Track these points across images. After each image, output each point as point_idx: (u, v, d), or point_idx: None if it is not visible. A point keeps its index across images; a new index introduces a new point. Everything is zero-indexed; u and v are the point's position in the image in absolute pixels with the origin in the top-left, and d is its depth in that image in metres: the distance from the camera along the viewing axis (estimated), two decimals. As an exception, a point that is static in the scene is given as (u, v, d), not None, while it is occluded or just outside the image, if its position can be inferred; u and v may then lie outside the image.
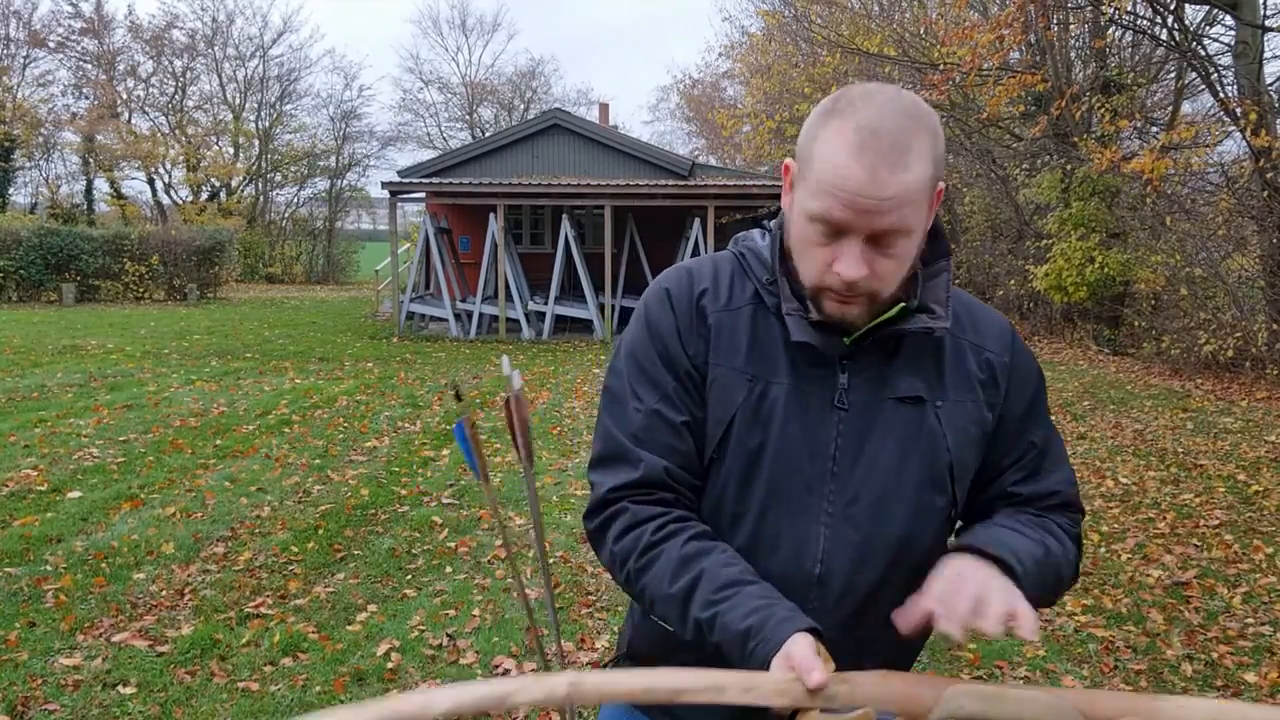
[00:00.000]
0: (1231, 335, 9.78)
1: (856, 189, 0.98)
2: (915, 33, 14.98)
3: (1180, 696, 0.93)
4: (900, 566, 1.11)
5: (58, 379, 9.63)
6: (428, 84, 46.33)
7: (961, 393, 1.13)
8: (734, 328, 1.13)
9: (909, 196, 1.00)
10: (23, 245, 19.38)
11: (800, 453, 1.10)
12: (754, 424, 1.10)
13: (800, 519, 1.10)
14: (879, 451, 1.10)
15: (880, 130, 0.99)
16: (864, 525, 1.10)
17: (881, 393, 1.11)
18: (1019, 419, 1.17)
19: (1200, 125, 11.15)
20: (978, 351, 1.15)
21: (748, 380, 1.11)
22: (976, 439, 1.14)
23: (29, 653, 3.40)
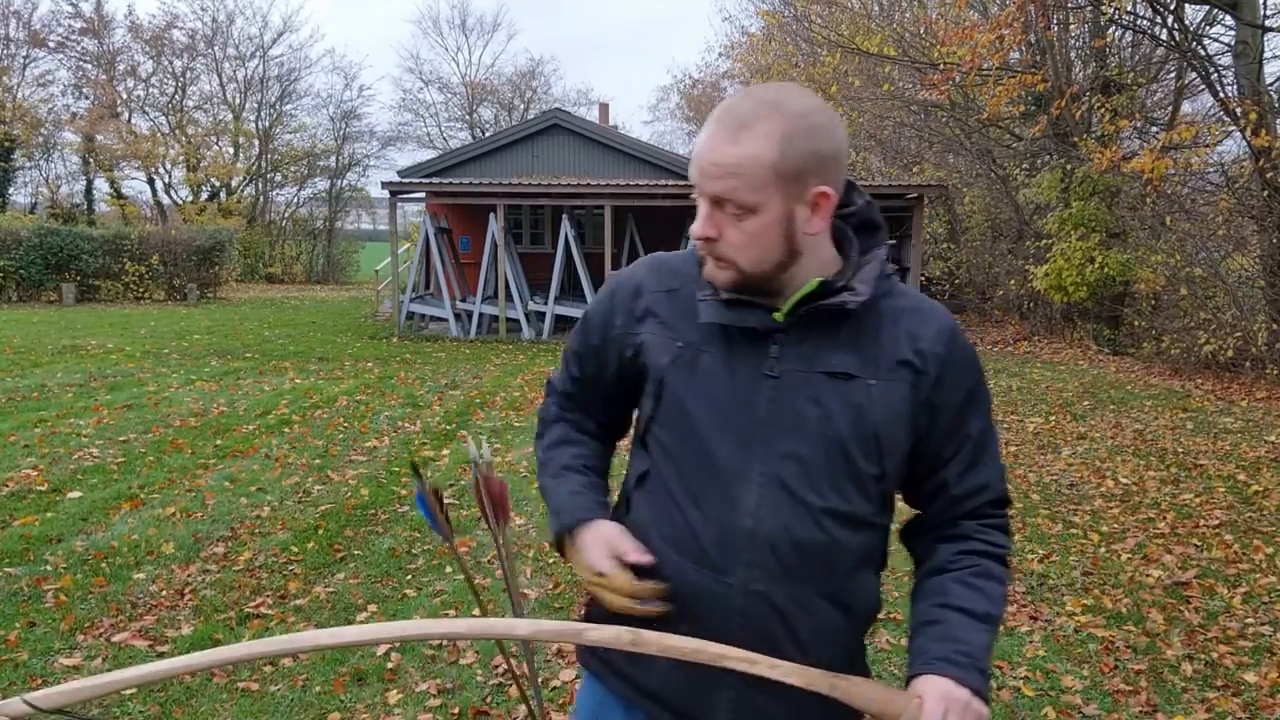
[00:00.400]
0: (1231, 335, 9.78)
1: (699, 153, 1.16)
2: (915, 32, 14.98)
3: None
4: (832, 530, 1.21)
5: (58, 379, 9.63)
6: (428, 84, 46.52)
7: (893, 374, 1.22)
8: (669, 306, 1.29)
9: (737, 167, 1.13)
10: (23, 245, 19.38)
11: (729, 414, 1.21)
12: (683, 387, 1.24)
13: (732, 476, 1.21)
14: (810, 417, 1.20)
15: (732, 109, 1.16)
16: (793, 485, 1.20)
17: (813, 365, 1.22)
18: (957, 408, 1.26)
19: (1200, 125, 11.16)
20: (913, 340, 1.24)
21: (679, 347, 1.25)
22: (906, 420, 1.23)
23: (29, 653, 3.40)
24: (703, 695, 1.25)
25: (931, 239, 18.21)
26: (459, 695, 3.16)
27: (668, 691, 1.27)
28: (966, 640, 1.20)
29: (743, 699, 1.23)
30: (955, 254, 17.57)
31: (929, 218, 17.24)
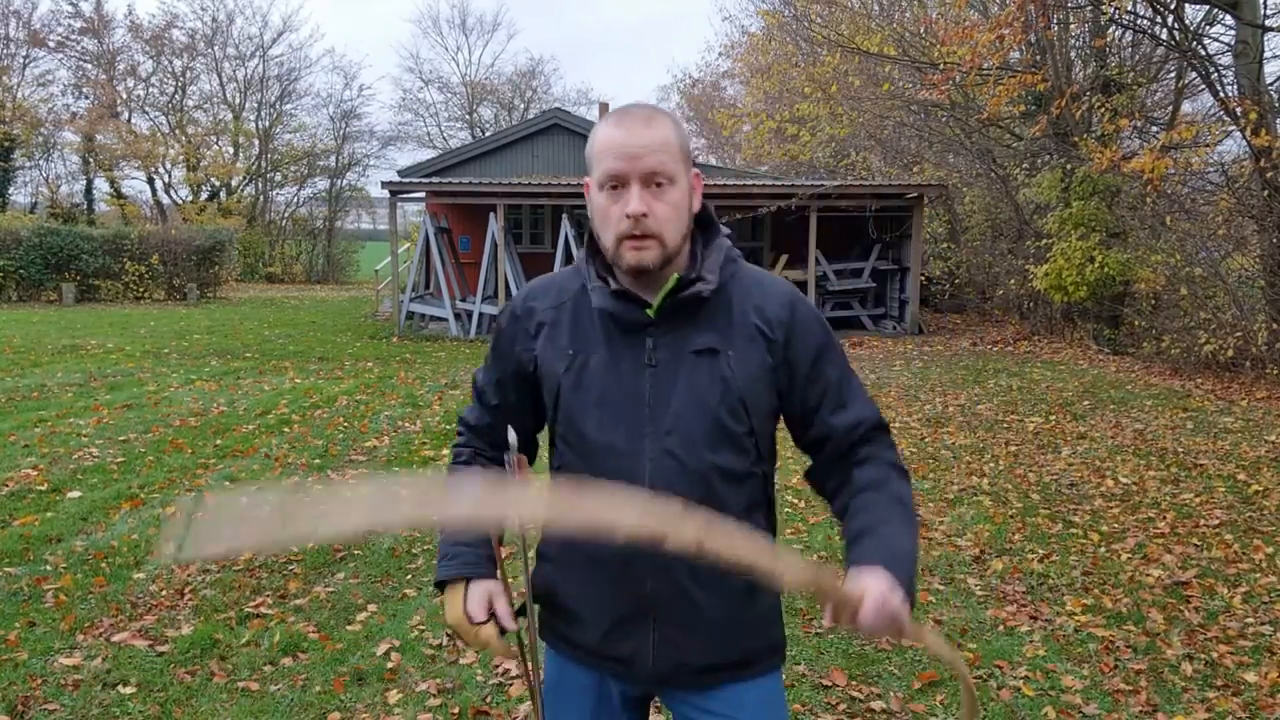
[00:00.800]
0: (1231, 335, 9.78)
1: (622, 142, 1.35)
2: (915, 32, 14.97)
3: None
4: (718, 486, 1.41)
5: (57, 379, 9.62)
6: (428, 84, 46.42)
7: (747, 343, 1.42)
8: (558, 320, 1.47)
9: (661, 145, 1.35)
10: (23, 245, 19.37)
11: (620, 405, 1.41)
12: (578, 388, 1.43)
13: (628, 456, 1.40)
14: (684, 394, 1.40)
15: (628, 110, 1.39)
16: (679, 453, 1.39)
17: (683, 348, 1.41)
18: (811, 362, 1.45)
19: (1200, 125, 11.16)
20: (760, 311, 1.44)
21: (569, 355, 1.44)
22: (766, 380, 1.43)
23: (29, 652, 3.40)
24: (631, 641, 1.45)
25: (931, 239, 18.20)
26: (459, 695, 3.16)
27: (605, 645, 1.47)
28: (895, 545, 1.35)
29: (664, 639, 1.44)
30: (955, 254, 17.57)
31: (929, 217, 17.24)
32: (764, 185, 15.55)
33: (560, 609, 1.52)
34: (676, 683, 1.48)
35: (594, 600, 1.47)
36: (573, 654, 1.53)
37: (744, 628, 1.46)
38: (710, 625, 1.43)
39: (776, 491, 1.58)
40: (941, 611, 3.91)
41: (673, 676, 1.47)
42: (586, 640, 1.49)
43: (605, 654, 1.48)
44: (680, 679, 1.47)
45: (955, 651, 1.31)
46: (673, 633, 1.43)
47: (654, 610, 1.43)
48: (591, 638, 1.48)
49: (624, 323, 1.42)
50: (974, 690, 1.44)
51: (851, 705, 3.13)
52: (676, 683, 1.48)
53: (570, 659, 1.54)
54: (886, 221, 16.11)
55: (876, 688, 3.25)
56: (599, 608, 1.46)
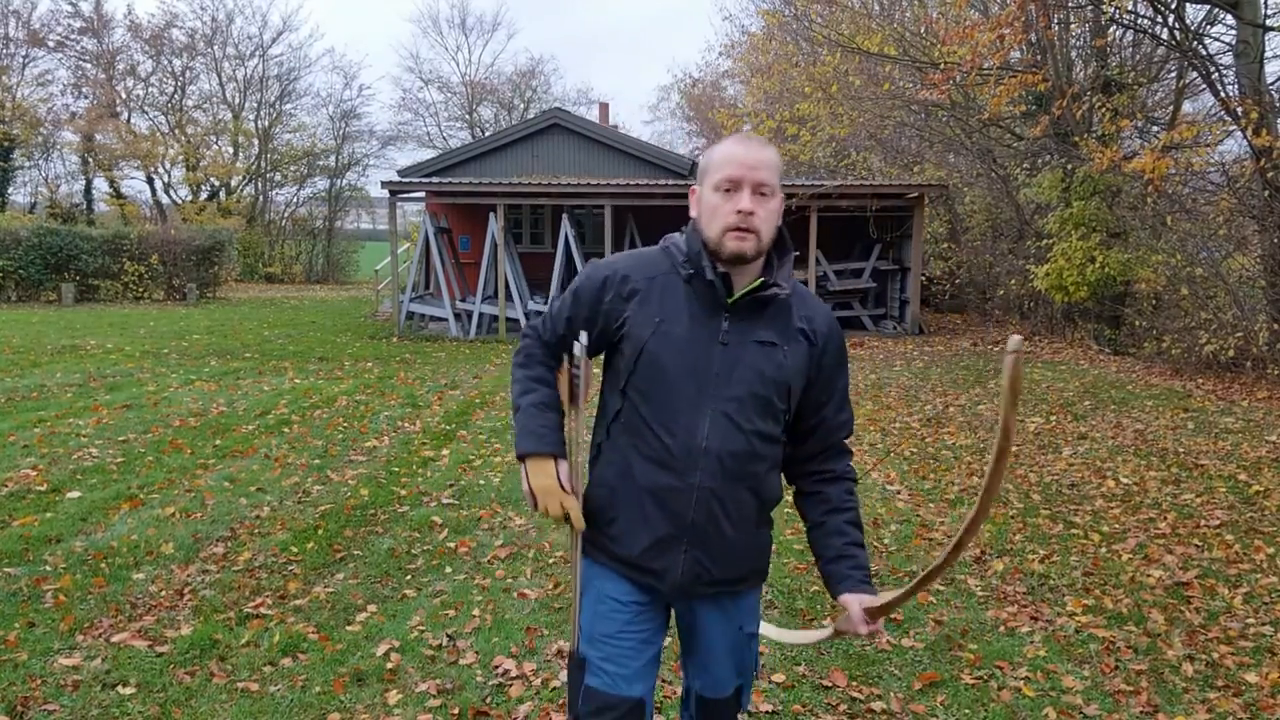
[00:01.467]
0: (1232, 335, 9.77)
1: (743, 156, 1.75)
2: (916, 32, 14.96)
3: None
4: (756, 445, 1.82)
5: (57, 379, 9.62)
6: (427, 83, 46.38)
7: (798, 343, 1.84)
8: (649, 291, 1.81)
9: (770, 163, 1.77)
10: (22, 245, 19.37)
11: (692, 368, 1.77)
12: (662, 350, 1.78)
13: (693, 412, 1.77)
14: (746, 372, 1.79)
15: (749, 136, 1.82)
16: (734, 416, 1.78)
17: (749, 336, 1.80)
18: (832, 369, 1.90)
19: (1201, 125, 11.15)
20: (810, 321, 1.86)
21: (656, 321, 1.79)
22: (803, 374, 1.85)
23: (28, 653, 3.39)
24: (666, 558, 1.83)
25: (932, 239, 18.19)
26: (459, 695, 3.16)
27: (643, 559, 1.84)
28: (866, 566, 1.89)
29: (692, 558, 1.83)
30: (955, 254, 17.56)
31: (929, 217, 17.24)
32: (764, 185, 15.53)
33: (607, 527, 1.87)
34: (694, 593, 1.88)
35: (641, 523, 1.83)
36: (612, 565, 1.89)
37: (750, 553, 1.90)
38: (728, 550, 1.85)
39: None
40: (942, 612, 3.90)
41: (692, 588, 1.86)
42: (627, 555, 1.85)
43: (642, 566, 1.85)
44: (697, 590, 1.87)
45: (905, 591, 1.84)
46: (699, 554, 1.83)
47: (688, 535, 1.81)
48: (633, 552, 1.85)
49: (708, 304, 1.80)
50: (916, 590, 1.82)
51: (852, 706, 3.12)
52: (694, 593, 1.88)
53: (605, 568, 1.90)
54: (887, 221, 16.10)
55: (877, 688, 3.24)
56: (644, 529, 1.82)
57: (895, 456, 6.74)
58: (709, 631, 1.94)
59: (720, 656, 1.95)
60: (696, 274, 1.79)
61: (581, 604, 1.92)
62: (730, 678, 1.98)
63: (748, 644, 1.98)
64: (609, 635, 1.87)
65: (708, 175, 1.79)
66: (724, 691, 1.98)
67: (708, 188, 1.78)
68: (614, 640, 1.87)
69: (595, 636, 1.89)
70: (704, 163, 1.83)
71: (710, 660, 1.96)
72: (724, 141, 1.82)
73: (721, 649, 1.95)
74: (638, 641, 1.88)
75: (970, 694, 3.21)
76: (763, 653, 3.53)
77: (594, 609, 1.91)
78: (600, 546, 1.90)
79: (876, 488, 5.88)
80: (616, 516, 1.85)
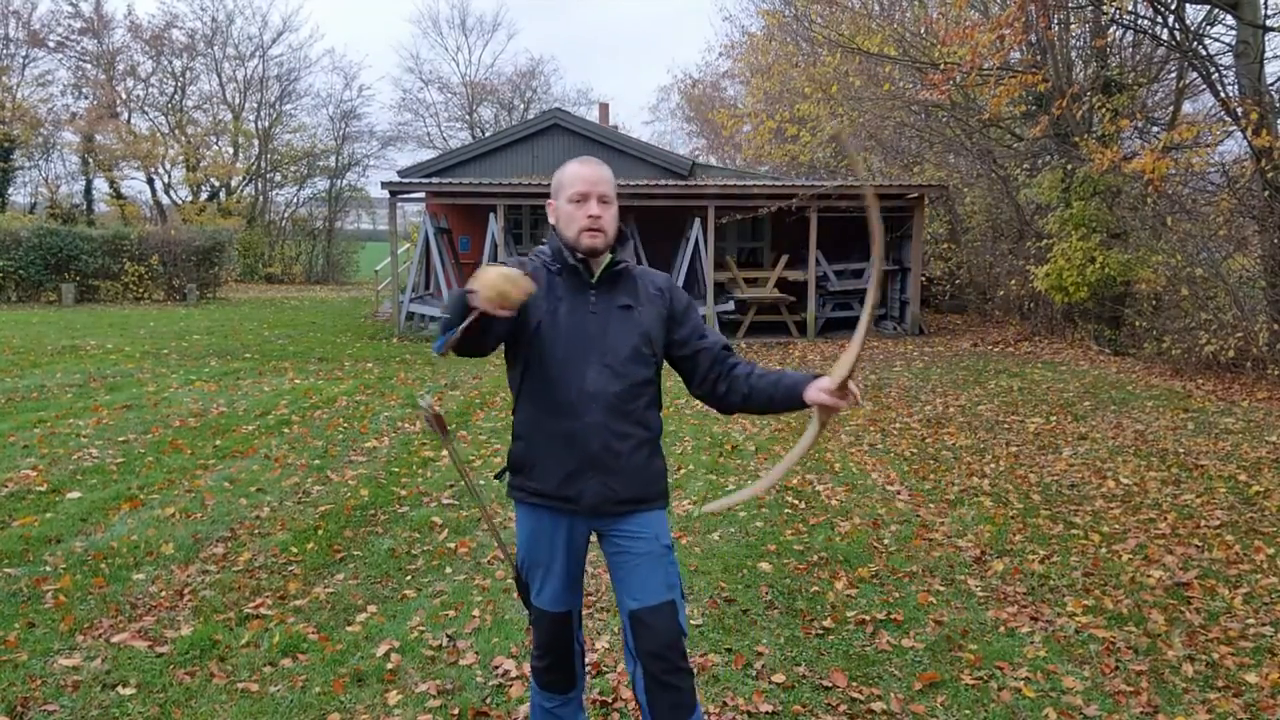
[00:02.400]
0: (1232, 335, 9.77)
1: (586, 175, 2.29)
2: (916, 32, 14.96)
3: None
4: (633, 386, 2.29)
5: (57, 379, 9.62)
6: (427, 84, 46.43)
7: (650, 303, 2.36)
8: (538, 282, 2.24)
9: (609, 179, 2.32)
10: (22, 245, 19.36)
11: (576, 333, 2.27)
12: (551, 324, 2.26)
13: (580, 366, 2.25)
14: (614, 331, 2.29)
15: (585, 159, 2.35)
16: (614, 366, 2.27)
17: (613, 304, 2.31)
18: (683, 313, 2.40)
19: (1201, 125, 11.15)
20: (654, 285, 2.40)
21: (542, 305, 2.26)
22: (660, 324, 2.36)
23: (28, 653, 3.39)
24: (577, 485, 2.27)
25: (932, 239, 18.19)
26: (459, 696, 3.16)
27: (559, 489, 2.28)
28: (804, 373, 2.30)
29: (599, 482, 2.26)
30: (956, 254, 17.56)
31: (929, 218, 17.23)
32: (764, 185, 15.54)
33: (528, 470, 2.32)
34: (605, 512, 2.29)
35: (553, 461, 2.27)
36: (535, 500, 2.33)
37: (647, 476, 2.33)
38: (627, 474, 2.28)
39: (776, 492, 2.13)
40: (942, 612, 3.90)
41: (603, 508, 2.28)
42: (546, 489, 2.30)
43: (559, 495, 2.29)
44: (608, 509, 2.29)
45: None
46: (604, 478, 2.26)
47: (592, 464, 2.25)
48: (550, 486, 2.29)
49: (577, 286, 2.30)
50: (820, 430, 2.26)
51: (852, 706, 3.12)
52: (605, 512, 2.29)
53: (533, 505, 2.34)
54: (887, 222, 16.08)
55: (877, 689, 3.24)
56: (556, 465, 2.26)
57: (895, 456, 6.74)
58: (627, 546, 2.32)
59: (643, 565, 2.30)
60: (563, 266, 2.30)
61: (517, 536, 2.43)
62: (658, 588, 2.29)
63: (667, 555, 2.34)
64: (540, 564, 2.38)
65: (561, 191, 2.30)
66: (655, 599, 2.28)
67: (563, 201, 2.29)
68: (544, 568, 2.37)
69: (531, 565, 2.39)
70: (556, 182, 2.33)
71: (636, 569, 2.30)
72: (570, 165, 2.32)
73: (643, 559, 2.30)
74: (561, 567, 2.36)
75: (970, 694, 3.21)
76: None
77: (529, 543, 2.38)
78: (524, 488, 2.35)
79: (876, 488, 5.88)
80: (535, 461, 2.30)
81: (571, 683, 2.49)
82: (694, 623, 3.75)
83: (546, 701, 2.51)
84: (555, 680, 2.46)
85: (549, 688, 2.48)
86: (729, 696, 3.15)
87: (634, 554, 2.31)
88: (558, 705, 2.51)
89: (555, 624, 2.40)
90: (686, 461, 6.51)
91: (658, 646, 2.25)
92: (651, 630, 2.26)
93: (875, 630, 3.72)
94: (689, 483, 5.96)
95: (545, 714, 2.53)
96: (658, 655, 2.25)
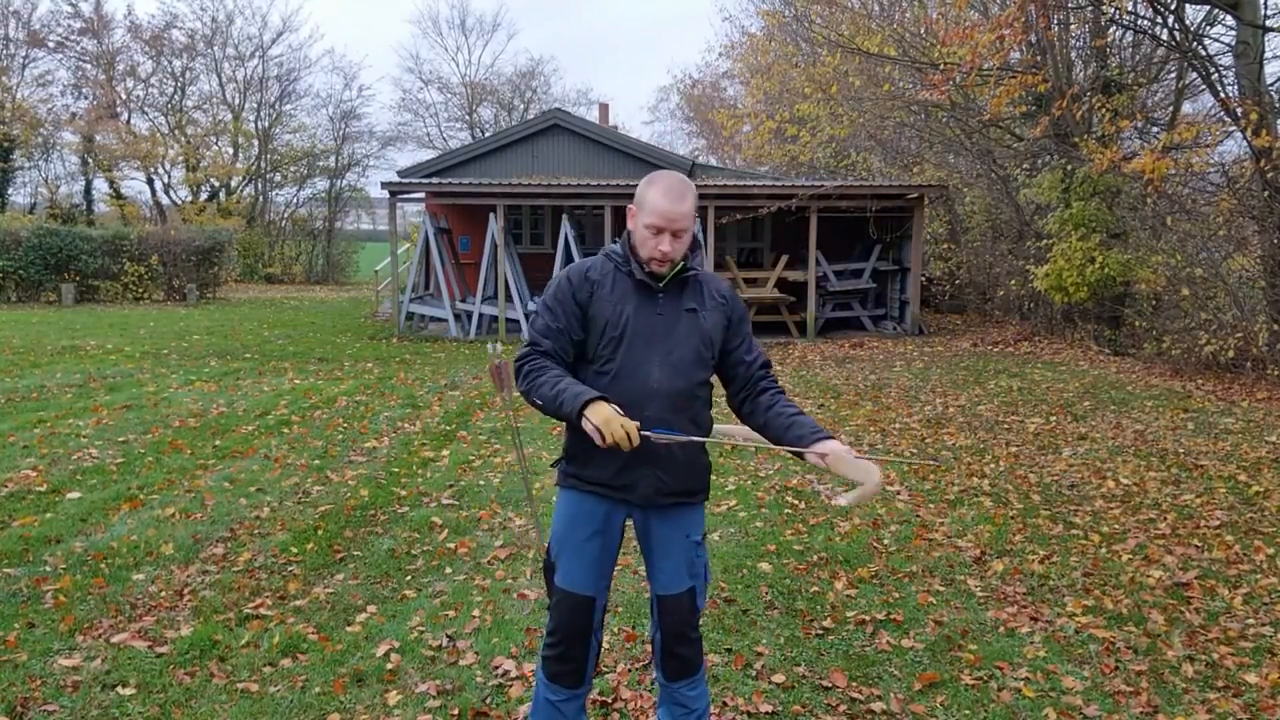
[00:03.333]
0: (1232, 335, 9.77)
1: (666, 209, 2.35)
2: (916, 32, 14.96)
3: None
4: (692, 386, 2.42)
5: (57, 379, 9.62)
6: (427, 84, 46.41)
7: (714, 307, 2.48)
8: (604, 284, 2.44)
9: (688, 213, 2.37)
10: (22, 245, 19.36)
11: (641, 333, 2.39)
12: (618, 324, 2.39)
13: (645, 364, 2.38)
14: (679, 332, 2.42)
15: (673, 185, 2.38)
16: (673, 363, 2.40)
17: (679, 306, 2.45)
18: (738, 323, 2.53)
19: (1201, 125, 11.13)
20: (719, 292, 2.52)
21: (613, 302, 2.41)
22: (721, 329, 2.49)
23: (28, 653, 3.39)
24: (632, 475, 2.39)
25: (932, 239, 18.19)
26: (459, 696, 3.16)
27: (614, 478, 2.41)
28: (815, 425, 2.41)
29: (653, 474, 2.39)
30: (955, 254, 17.55)
31: (929, 218, 17.23)
32: (764, 185, 15.54)
33: (587, 460, 2.41)
34: (655, 504, 2.43)
35: (610, 453, 2.30)
36: (588, 489, 2.45)
37: (696, 470, 2.49)
38: (679, 467, 2.42)
39: (775, 493, 2.22)
40: (942, 613, 3.90)
41: (654, 499, 2.42)
42: (602, 478, 2.42)
43: (615, 484, 2.41)
44: (658, 500, 2.43)
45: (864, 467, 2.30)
46: (658, 471, 2.39)
47: (648, 458, 2.36)
48: (606, 475, 2.41)
49: (646, 288, 2.43)
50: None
51: (852, 706, 3.12)
52: (655, 504, 2.43)
53: (585, 493, 2.46)
54: (887, 222, 16.10)
55: (877, 689, 3.24)
56: (613, 457, 2.34)
57: (895, 457, 6.73)
58: (663, 538, 2.48)
59: (674, 557, 2.48)
60: (632, 271, 2.43)
61: (555, 519, 2.53)
62: (683, 578, 2.49)
63: (695, 550, 2.50)
64: (575, 546, 2.47)
65: (643, 211, 2.38)
66: (678, 588, 2.49)
67: (640, 223, 2.39)
68: (578, 550, 2.47)
69: (564, 546, 2.48)
70: (640, 197, 2.40)
71: (666, 561, 2.48)
72: (655, 189, 2.37)
73: (675, 552, 2.48)
74: (596, 551, 2.46)
75: (970, 695, 3.21)
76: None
77: (567, 525, 2.49)
78: (580, 476, 2.45)
79: (876, 488, 5.88)
80: (592, 452, 2.34)
81: (581, 679, 2.51)
82: (694, 623, 3.75)
83: (552, 695, 2.51)
84: (564, 672, 2.48)
85: (557, 679, 2.49)
86: (729, 696, 3.15)
87: (664, 546, 2.49)
88: (563, 700, 2.51)
89: (576, 608, 2.45)
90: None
91: (675, 623, 2.50)
92: (672, 611, 2.50)
93: (875, 630, 3.72)
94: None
95: (549, 707, 2.53)
96: (674, 629, 2.51)
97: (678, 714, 2.59)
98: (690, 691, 2.57)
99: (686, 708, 2.58)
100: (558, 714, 2.53)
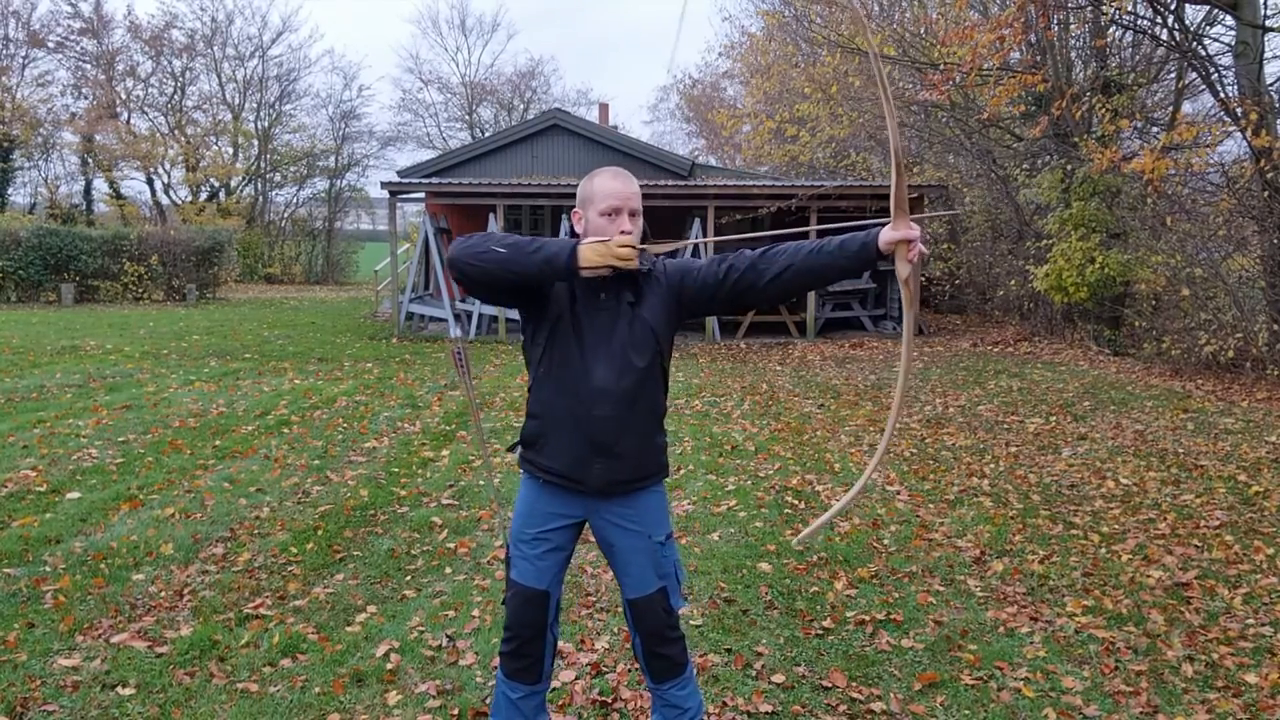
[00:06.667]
0: (1232, 336, 9.77)
1: (620, 190, 2.36)
2: (915, 33, 14.97)
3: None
4: (641, 381, 2.39)
5: (56, 379, 9.62)
6: (427, 84, 46.36)
7: (653, 292, 2.41)
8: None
9: (637, 193, 2.39)
10: (22, 246, 19.36)
11: (585, 331, 2.38)
12: (568, 319, 2.38)
13: (589, 362, 2.36)
14: (621, 328, 2.38)
15: (616, 172, 2.42)
16: (620, 359, 2.37)
17: (620, 301, 2.39)
18: (680, 276, 2.44)
19: (1201, 125, 11.13)
20: (655, 268, 2.45)
21: (564, 299, 2.39)
22: (664, 302, 2.42)
23: (28, 653, 3.39)
24: (584, 469, 2.39)
25: (932, 239, 18.19)
26: (458, 696, 3.16)
27: (568, 469, 2.41)
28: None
29: (605, 467, 2.39)
30: (955, 254, 17.56)
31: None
32: (764, 186, 15.54)
33: (539, 448, 2.44)
34: (608, 493, 2.43)
35: (564, 444, 2.39)
36: (545, 477, 2.46)
37: (649, 455, 2.46)
38: (630, 458, 2.41)
39: (775, 493, 2.10)
40: (942, 613, 3.90)
41: (607, 489, 2.41)
42: (556, 467, 2.42)
43: (568, 475, 2.42)
44: (611, 490, 2.42)
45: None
46: (611, 463, 2.39)
47: (600, 451, 2.37)
48: (560, 465, 2.42)
49: (589, 283, 2.36)
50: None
51: (852, 706, 3.12)
52: (608, 493, 2.43)
53: (543, 481, 2.48)
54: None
55: (877, 689, 3.24)
56: (566, 449, 2.39)
57: (895, 457, 6.74)
58: (623, 545, 2.48)
59: (639, 561, 2.47)
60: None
61: (514, 513, 2.55)
62: (650, 579, 2.48)
63: (660, 550, 2.48)
64: (529, 541, 2.49)
65: (592, 203, 2.37)
66: (647, 589, 2.48)
67: (593, 213, 2.37)
68: (532, 545, 2.48)
69: (520, 538, 2.50)
70: (586, 193, 2.39)
71: (630, 565, 2.48)
72: (600, 177, 2.39)
73: (638, 556, 2.47)
74: (550, 546, 2.48)
75: (970, 695, 3.21)
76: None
77: (524, 520, 2.50)
78: (535, 464, 2.48)
79: (876, 488, 5.88)
80: (546, 441, 2.42)
81: (538, 674, 2.54)
82: (694, 623, 3.75)
83: (511, 691, 2.55)
84: (521, 669, 2.52)
85: (515, 676, 2.53)
86: (729, 697, 3.15)
87: (627, 553, 2.48)
88: (522, 697, 2.55)
89: (529, 603, 2.47)
90: (686, 461, 6.51)
91: (651, 626, 2.50)
92: (646, 614, 2.49)
93: (875, 630, 3.72)
94: (689, 483, 5.96)
95: (509, 704, 2.57)
96: (651, 631, 2.50)
97: (670, 715, 2.58)
98: (679, 692, 2.56)
99: (678, 708, 2.57)
100: (517, 712, 2.56)
